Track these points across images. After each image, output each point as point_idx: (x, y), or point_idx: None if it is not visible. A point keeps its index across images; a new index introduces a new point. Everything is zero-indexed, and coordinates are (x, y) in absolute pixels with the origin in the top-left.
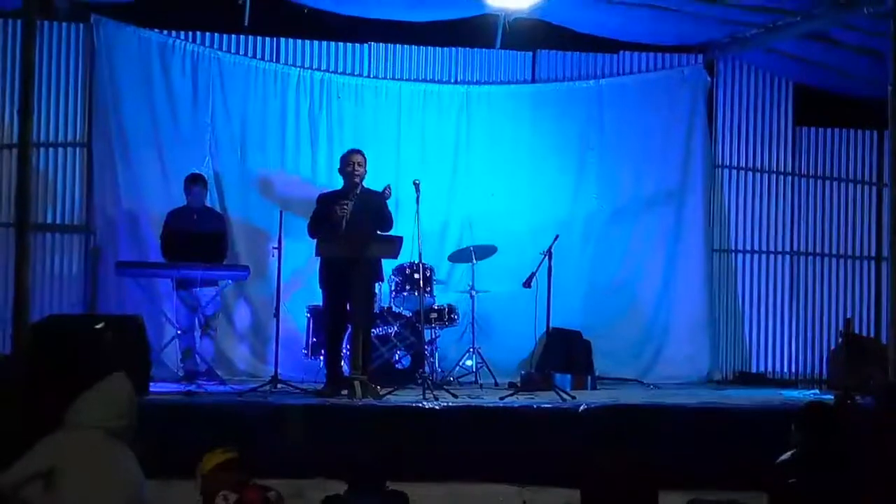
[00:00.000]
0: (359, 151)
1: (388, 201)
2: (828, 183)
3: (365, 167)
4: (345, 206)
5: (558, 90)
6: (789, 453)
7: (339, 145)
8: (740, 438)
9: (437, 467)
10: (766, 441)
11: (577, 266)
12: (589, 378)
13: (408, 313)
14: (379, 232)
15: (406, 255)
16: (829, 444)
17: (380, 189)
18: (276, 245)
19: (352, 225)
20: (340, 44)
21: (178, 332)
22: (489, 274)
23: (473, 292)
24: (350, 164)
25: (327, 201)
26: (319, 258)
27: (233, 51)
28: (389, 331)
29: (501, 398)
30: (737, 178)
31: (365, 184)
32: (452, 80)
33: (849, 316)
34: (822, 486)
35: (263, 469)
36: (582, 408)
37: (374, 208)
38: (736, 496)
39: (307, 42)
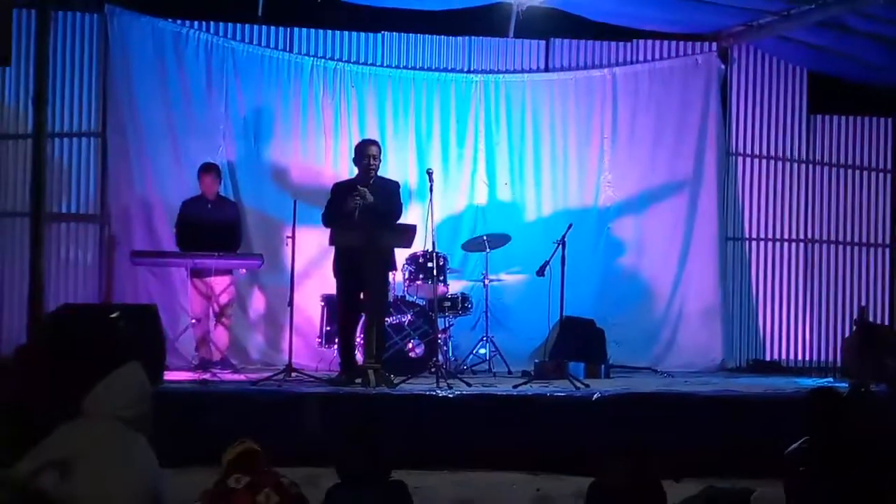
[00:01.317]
0: (374, 143)
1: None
2: (842, 171)
3: (380, 158)
4: (357, 200)
5: (572, 78)
6: (801, 441)
7: (352, 134)
8: (754, 426)
9: (452, 455)
10: (780, 429)
11: (591, 254)
12: (602, 366)
13: (421, 302)
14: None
15: (420, 244)
16: (837, 430)
17: (395, 179)
18: (289, 234)
19: (365, 214)
20: (354, 33)
21: (193, 320)
22: (503, 263)
23: (487, 281)
24: (366, 156)
25: (342, 190)
26: (333, 247)
27: (247, 40)
28: (403, 319)
29: (515, 386)
30: (751, 165)
31: (378, 173)
32: (466, 69)
33: (863, 304)
34: (835, 474)
35: (278, 457)
36: (596, 396)
37: (388, 197)
38: (750, 484)
39: (321, 31)
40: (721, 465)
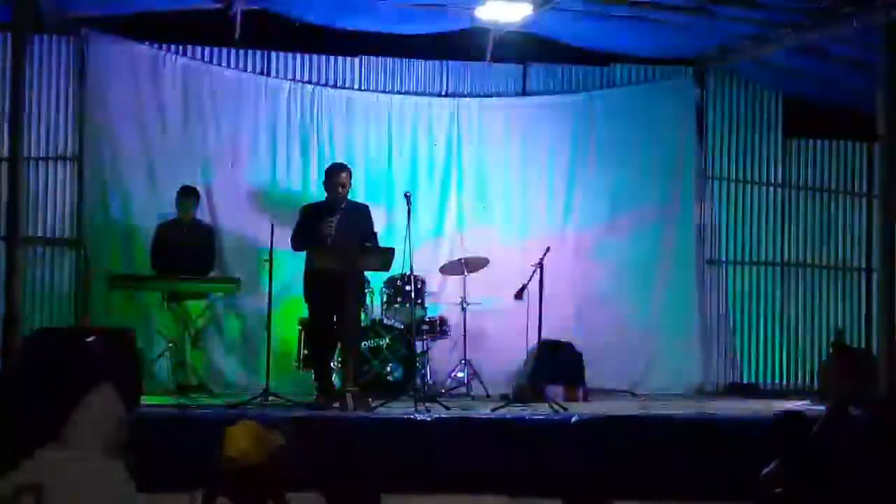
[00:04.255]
0: (344, 168)
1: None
2: (818, 194)
3: (350, 183)
4: (331, 224)
5: (549, 103)
6: (776, 463)
7: (329, 158)
8: (731, 449)
9: (429, 479)
10: (756, 452)
11: (569, 278)
12: (580, 390)
13: (399, 325)
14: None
15: (397, 268)
16: (809, 453)
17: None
18: (267, 258)
19: (338, 239)
20: (331, 57)
21: (169, 344)
22: (481, 286)
23: (465, 304)
24: (337, 183)
25: (311, 214)
26: (304, 272)
27: (224, 64)
28: (381, 343)
29: (493, 410)
30: (727, 189)
31: (352, 197)
32: (443, 93)
33: (840, 327)
34: (810, 495)
35: None
36: (574, 419)
37: (360, 222)
38: None
39: (298, 55)
40: (698, 488)
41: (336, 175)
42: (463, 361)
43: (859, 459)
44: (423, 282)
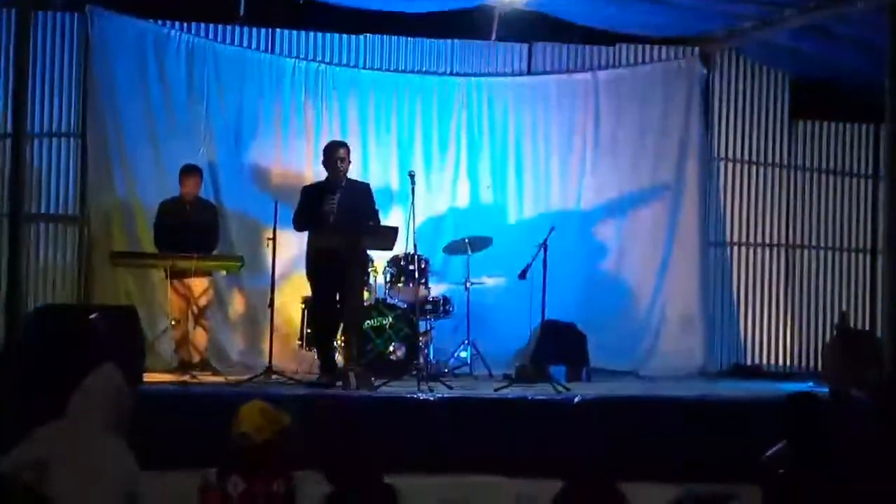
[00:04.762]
0: (343, 144)
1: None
2: (823, 176)
3: (349, 160)
4: (332, 202)
5: (554, 82)
6: (779, 445)
7: (334, 137)
8: (734, 430)
9: (432, 459)
10: (760, 433)
11: (573, 258)
12: (584, 370)
13: (403, 305)
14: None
15: (401, 247)
16: (815, 435)
17: (373, 181)
18: (270, 236)
19: (339, 217)
20: (336, 35)
21: (172, 322)
22: (484, 266)
23: (468, 284)
24: (335, 157)
25: (312, 193)
26: (307, 251)
27: (228, 41)
28: (384, 322)
29: (496, 390)
30: (733, 170)
31: (359, 175)
32: (448, 72)
33: (844, 309)
34: (813, 477)
35: None
36: (576, 399)
37: (362, 200)
38: (729, 488)
39: (303, 33)
40: (701, 469)
41: (335, 151)
42: (466, 341)
43: (861, 443)
44: (427, 261)
